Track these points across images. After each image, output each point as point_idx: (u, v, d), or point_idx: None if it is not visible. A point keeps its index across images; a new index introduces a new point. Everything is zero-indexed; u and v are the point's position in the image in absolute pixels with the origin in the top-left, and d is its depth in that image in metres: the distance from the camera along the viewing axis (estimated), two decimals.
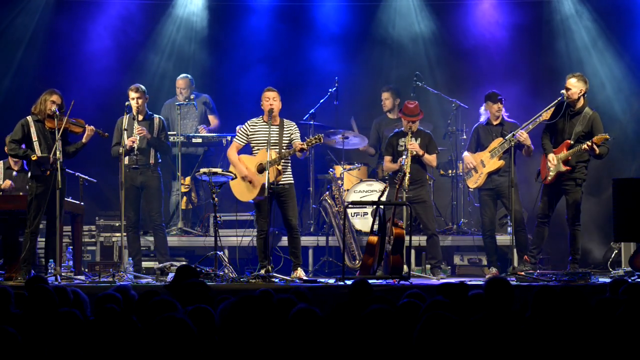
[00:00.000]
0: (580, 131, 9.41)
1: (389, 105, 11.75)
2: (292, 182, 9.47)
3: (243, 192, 9.46)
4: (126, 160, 9.83)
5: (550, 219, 9.68)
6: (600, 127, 9.38)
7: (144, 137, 9.91)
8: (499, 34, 12.33)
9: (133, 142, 9.80)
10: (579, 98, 9.42)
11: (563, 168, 9.42)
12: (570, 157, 9.38)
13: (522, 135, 9.60)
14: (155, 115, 10.27)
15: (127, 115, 9.95)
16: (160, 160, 10.16)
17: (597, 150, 9.23)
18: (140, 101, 9.95)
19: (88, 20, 12.33)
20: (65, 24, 12.32)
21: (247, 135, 9.45)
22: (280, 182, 9.26)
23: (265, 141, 9.22)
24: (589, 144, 9.21)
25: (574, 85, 9.40)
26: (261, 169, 9.27)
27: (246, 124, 9.51)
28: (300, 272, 9.23)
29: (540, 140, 9.69)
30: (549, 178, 9.49)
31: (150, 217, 10.09)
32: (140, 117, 10.00)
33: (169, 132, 11.38)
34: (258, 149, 9.37)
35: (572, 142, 9.41)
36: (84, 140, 9.37)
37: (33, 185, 9.13)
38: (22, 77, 12.10)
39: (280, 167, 9.20)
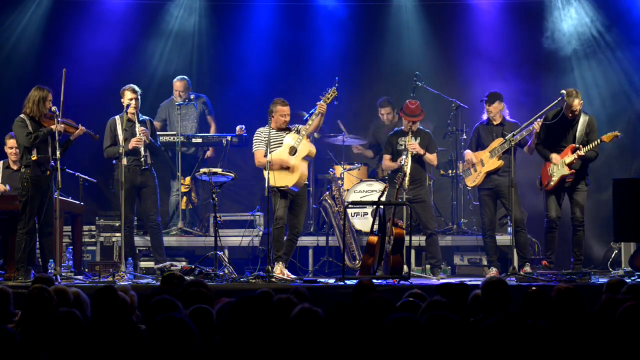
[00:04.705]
0: (582, 135, 9.61)
1: (390, 118, 11.74)
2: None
3: (281, 177, 9.41)
4: (125, 160, 9.79)
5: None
6: (596, 130, 9.69)
7: (144, 139, 9.87)
8: (498, 33, 12.34)
9: (138, 142, 9.77)
10: (570, 105, 9.53)
11: (567, 171, 9.53)
12: (574, 161, 9.47)
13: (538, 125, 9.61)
14: (145, 117, 10.21)
15: (119, 117, 9.92)
16: (152, 161, 10.09)
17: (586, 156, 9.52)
18: (137, 102, 9.89)
19: (85, 21, 12.30)
20: (63, 24, 12.32)
21: (267, 142, 9.43)
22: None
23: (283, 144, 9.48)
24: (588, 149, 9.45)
25: (579, 104, 9.48)
26: (293, 151, 9.39)
27: (260, 133, 9.52)
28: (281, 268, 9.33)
29: (536, 148, 9.76)
30: (552, 183, 9.62)
31: (148, 216, 10.06)
32: (135, 119, 9.92)
33: (169, 132, 11.40)
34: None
35: (577, 145, 9.51)
36: (72, 138, 9.36)
37: (27, 186, 9.12)
38: (16, 77, 12.07)
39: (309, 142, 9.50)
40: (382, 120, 11.80)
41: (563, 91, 9.50)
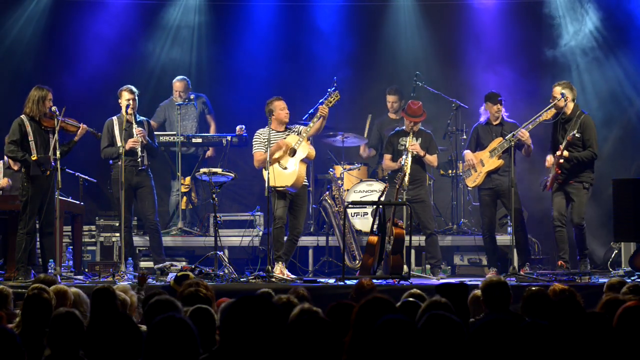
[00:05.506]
0: (574, 135, 9.50)
1: (396, 107, 11.72)
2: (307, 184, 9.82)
3: (279, 177, 9.42)
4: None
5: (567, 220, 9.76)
6: (590, 130, 9.54)
7: (142, 140, 9.86)
8: (499, 33, 12.34)
9: (135, 143, 9.75)
10: (566, 104, 9.53)
11: (556, 172, 9.51)
12: (561, 161, 9.45)
13: (524, 134, 9.61)
14: (143, 118, 10.21)
15: (117, 117, 9.92)
16: (149, 162, 10.09)
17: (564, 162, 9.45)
18: (135, 103, 9.88)
19: (84, 20, 12.28)
20: (61, 24, 12.30)
21: (267, 143, 9.42)
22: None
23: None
24: (560, 161, 9.41)
25: (558, 94, 9.47)
26: (292, 152, 9.41)
27: (260, 135, 9.53)
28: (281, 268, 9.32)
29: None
30: (547, 184, 9.65)
31: (146, 216, 10.06)
32: (133, 120, 9.91)
33: (169, 132, 11.40)
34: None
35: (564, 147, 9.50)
36: (76, 138, 9.36)
37: (28, 186, 9.13)
38: (16, 76, 12.06)
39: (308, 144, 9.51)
40: (387, 108, 11.76)
41: (552, 101, 9.54)
